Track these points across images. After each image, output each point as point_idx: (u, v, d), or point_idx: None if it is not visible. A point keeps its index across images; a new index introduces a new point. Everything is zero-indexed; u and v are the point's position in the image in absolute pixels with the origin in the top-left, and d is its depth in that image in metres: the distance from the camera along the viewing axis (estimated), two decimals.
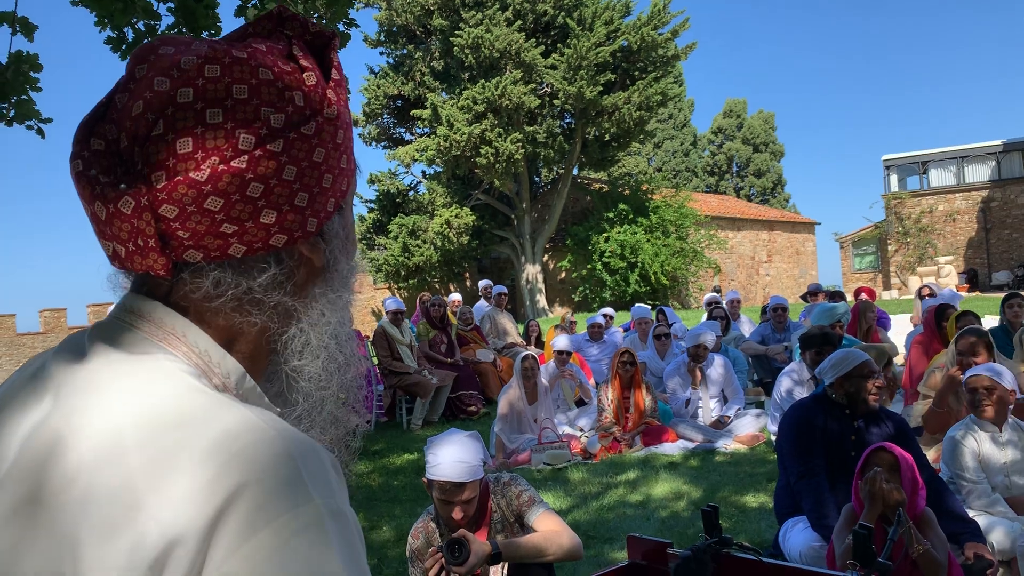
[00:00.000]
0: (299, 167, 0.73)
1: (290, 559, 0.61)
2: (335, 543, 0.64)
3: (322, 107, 0.75)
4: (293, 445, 0.66)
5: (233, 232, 0.71)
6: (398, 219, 27.77)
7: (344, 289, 0.82)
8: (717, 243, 28.83)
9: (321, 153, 0.75)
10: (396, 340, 8.75)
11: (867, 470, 3.12)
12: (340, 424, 0.84)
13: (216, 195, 0.70)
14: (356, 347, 0.85)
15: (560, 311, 26.22)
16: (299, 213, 0.74)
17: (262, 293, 0.75)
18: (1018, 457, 3.86)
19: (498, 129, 24.05)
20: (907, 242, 33.40)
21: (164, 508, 0.61)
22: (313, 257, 0.78)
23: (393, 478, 6.43)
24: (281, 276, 0.76)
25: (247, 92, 0.71)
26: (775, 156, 49.88)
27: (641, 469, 5.92)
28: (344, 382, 0.82)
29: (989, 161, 33.32)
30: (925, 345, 6.27)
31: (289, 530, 0.62)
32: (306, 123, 0.73)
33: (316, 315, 0.79)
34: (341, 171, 0.78)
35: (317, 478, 0.66)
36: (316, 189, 0.75)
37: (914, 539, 2.97)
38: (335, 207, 0.79)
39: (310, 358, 0.79)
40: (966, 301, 18.56)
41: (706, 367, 7.26)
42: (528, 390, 6.97)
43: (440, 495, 2.89)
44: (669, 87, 26.16)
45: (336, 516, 0.65)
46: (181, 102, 0.70)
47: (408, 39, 27.78)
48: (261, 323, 0.76)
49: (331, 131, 0.76)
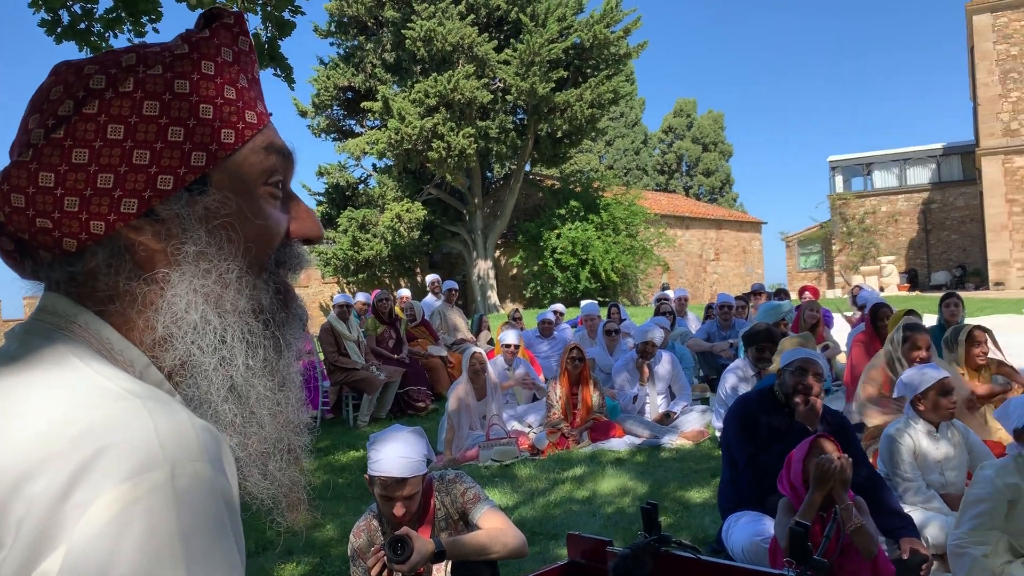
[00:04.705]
0: (91, 149, 0.71)
1: (124, 526, 0.59)
2: (179, 512, 0.61)
3: (115, 82, 0.73)
4: (158, 415, 0.64)
5: (50, 226, 0.72)
6: (348, 212, 27.46)
7: (229, 263, 0.77)
8: (666, 241, 29.15)
9: (119, 129, 0.72)
10: (343, 336, 8.63)
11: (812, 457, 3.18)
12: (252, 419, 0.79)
13: (15, 192, 0.71)
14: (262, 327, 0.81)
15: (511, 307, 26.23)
16: (106, 195, 0.72)
17: (94, 280, 0.75)
18: (953, 454, 3.95)
19: (450, 123, 23.93)
20: (851, 242, 34.21)
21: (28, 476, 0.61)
22: (144, 240, 0.75)
23: (338, 475, 6.34)
24: (114, 262, 0.74)
25: (47, 87, 0.74)
26: (724, 156, 50.62)
27: (588, 465, 5.93)
28: (235, 360, 0.78)
29: (930, 164, 34.28)
30: (866, 344, 6.40)
31: (130, 496, 0.60)
32: (88, 103, 0.72)
33: (179, 297, 0.75)
34: (170, 145, 0.74)
35: (177, 446, 0.63)
36: (124, 168, 0.72)
37: (851, 515, 3.04)
38: (176, 184, 0.75)
39: (182, 338, 0.76)
40: (906, 300, 19.07)
41: (654, 364, 7.31)
42: (477, 386, 6.94)
43: (382, 491, 2.84)
44: (621, 85, 26.31)
45: (191, 485, 0.62)
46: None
47: (359, 30, 27.47)
48: (118, 310, 0.75)
49: (129, 105, 0.73)
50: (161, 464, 0.62)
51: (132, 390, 0.67)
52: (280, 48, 4.61)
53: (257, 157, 0.80)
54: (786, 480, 3.31)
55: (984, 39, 27.96)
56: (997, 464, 3.17)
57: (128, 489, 0.60)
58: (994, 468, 3.13)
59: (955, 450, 3.98)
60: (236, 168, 0.78)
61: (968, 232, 32.73)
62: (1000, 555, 3.09)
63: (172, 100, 0.74)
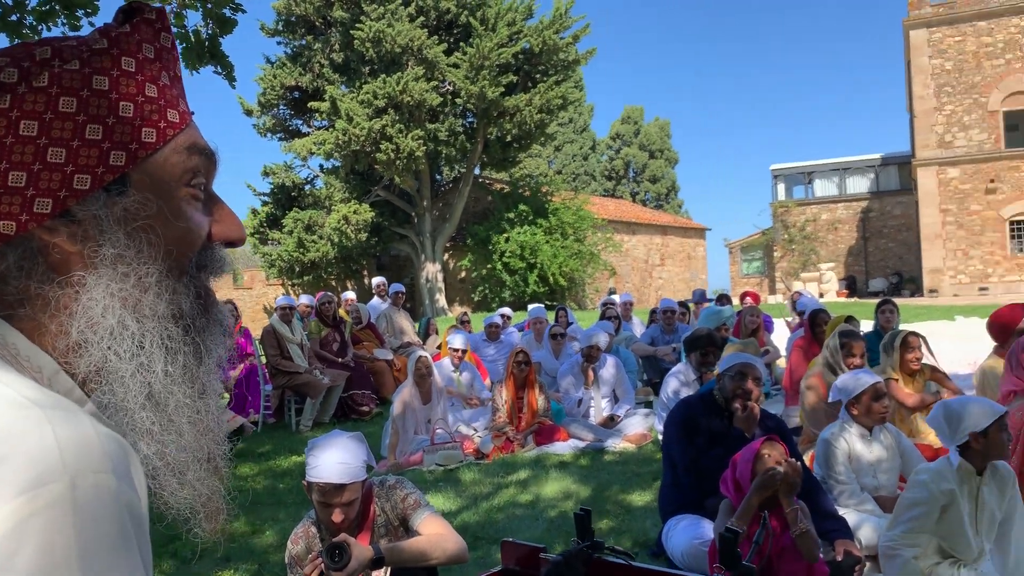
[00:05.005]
0: (2, 146, 0.69)
1: (18, 542, 0.57)
2: (79, 526, 0.59)
3: (29, 76, 0.70)
4: (60, 425, 0.62)
5: None
6: (293, 213, 27.10)
7: (148, 266, 0.75)
8: (613, 246, 29.44)
9: (32, 126, 0.69)
10: (286, 338, 8.50)
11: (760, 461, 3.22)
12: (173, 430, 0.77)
13: None
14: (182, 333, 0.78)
15: (459, 310, 26.19)
16: (18, 194, 0.69)
17: (3, 283, 0.71)
18: (885, 457, 4.06)
19: (399, 125, 23.80)
20: (792, 249, 34.99)
21: None
22: (59, 242, 0.72)
23: (279, 481, 6.24)
24: (25, 264, 0.71)
25: None
26: (670, 163, 51.33)
27: (532, 469, 5.94)
28: (153, 362, 0.75)
29: (869, 174, 35.26)
30: (805, 349, 6.54)
31: (26, 510, 0.57)
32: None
33: (95, 301, 0.73)
34: (87, 144, 0.72)
35: (79, 456, 0.61)
36: (37, 166, 0.70)
37: (797, 519, 3.09)
38: (94, 184, 0.72)
39: (98, 344, 0.73)
40: (845, 306, 19.56)
41: (598, 367, 7.36)
42: (423, 390, 6.89)
43: (320, 497, 2.80)
44: (569, 91, 26.50)
45: (92, 497, 0.60)
46: None
47: (307, 29, 27.16)
48: (28, 314, 0.72)
49: (44, 101, 0.70)
50: (60, 476, 0.59)
51: (34, 398, 0.64)
52: (221, 46, 4.52)
53: (179, 157, 0.78)
54: (731, 481, 3.35)
55: (920, 54, 28.88)
56: (932, 469, 3.25)
57: (24, 503, 0.57)
58: (930, 474, 3.21)
59: (887, 453, 4.09)
60: (157, 168, 0.76)
61: (904, 240, 33.75)
62: (930, 556, 3.18)
63: (90, 97, 0.72)
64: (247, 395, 8.90)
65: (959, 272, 28.45)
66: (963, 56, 28.34)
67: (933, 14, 28.63)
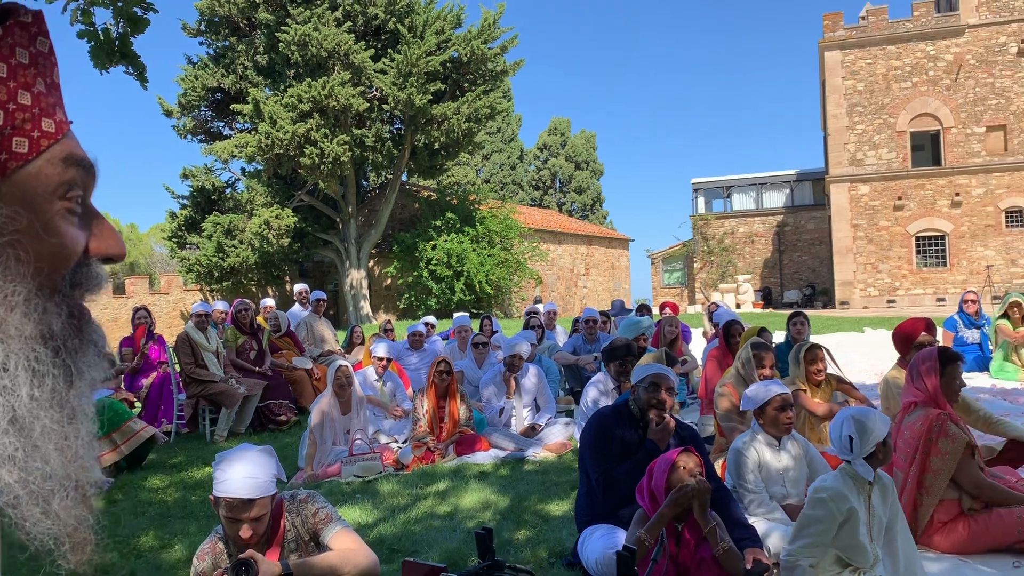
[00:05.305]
0: None
1: None
2: None
3: None
4: None
5: None
6: (213, 217, 26.43)
7: (16, 284, 0.72)
8: (539, 255, 29.64)
9: None
10: (201, 346, 8.27)
11: (678, 470, 3.26)
12: None
13: None
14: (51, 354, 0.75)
15: (384, 318, 25.95)
16: None
17: None
18: (792, 465, 4.19)
19: (324, 130, 23.49)
20: (711, 260, 35.88)
21: None
22: None
23: (191, 493, 6.06)
24: None
25: None
26: (595, 174, 52.07)
27: (452, 479, 5.91)
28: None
29: (784, 189, 36.44)
30: (719, 359, 6.70)
31: None
32: None
33: None
34: None
35: None
36: None
37: (718, 539, 3.14)
38: None
39: None
40: (760, 317, 20.13)
41: (520, 377, 7.38)
42: (342, 400, 6.79)
43: (227, 513, 2.73)
44: (498, 101, 26.62)
45: None
46: None
47: (231, 30, 26.57)
48: None
49: None
50: None
51: None
52: (133, 45, 4.36)
53: (54, 169, 0.75)
54: (646, 491, 3.39)
55: (834, 74, 30.05)
56: (832, 488, 3.33)
57: None
58: (829, 493, 3.30)
59: (795, 462, 4.21)
60: (29, 180, 0.73)
61: (817, 254, 34.99)
62: (828, 568, 3.29)
63: None
64: (159, 404, 8.62)
65: (868, 285, 29.64)
66: (874, 78, 29.61)
67: (846, 36, 29.84)
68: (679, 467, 3.30)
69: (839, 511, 3.23)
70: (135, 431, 6.84)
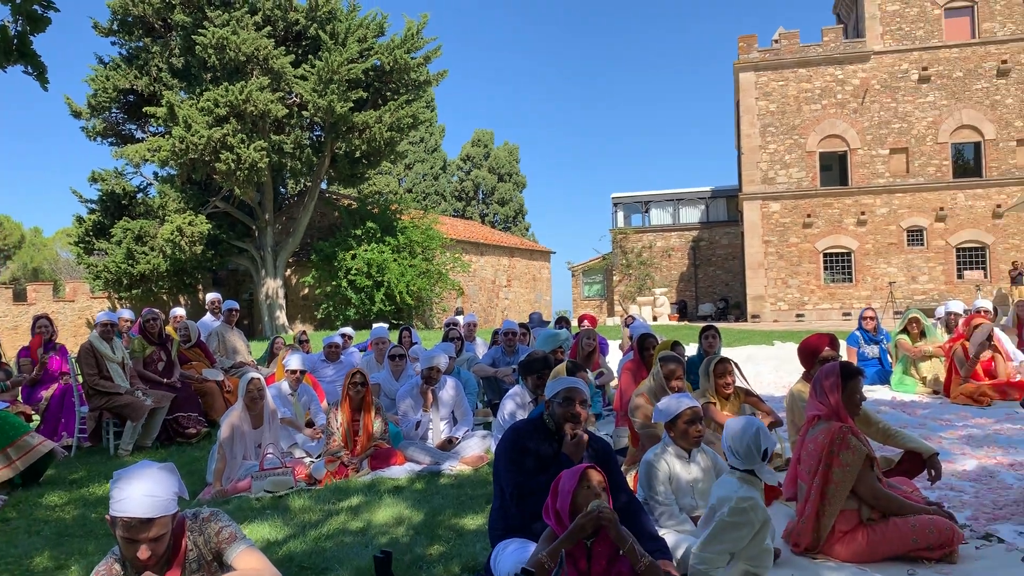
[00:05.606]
0: None
1: None
2: None
3: None
4: None
5: None
6: (123, 223, 25.50)
7: None
8: (461, 266, 29.61)
9: None
10: (106, 356, 7.94)
11: (582, 488, 3.24)
12: None
13: None
14: None
15: (300, 328, 25.44)
16: None
17: None
18: (701, 478, 4.28)
19: (241, 135, 22.97)
20: (629, 273, 36.54)
21: None
22: None
23: (91, 510, 5.80)
24: None
25: None
26: (518, 187, 52.41)
27: (366, 494, 5.82)
28: None
29: (700, 205, 37.44)
30: (634, 372, 6.81)
31: None
32: None
33: None
34: None
35: None
36: None
37: (638, 556, 3.13)
38: None
39: None
40: (676, 330, 20.56)
41: (438, 389, 7.34)
42: (254, 414, 6.62)
43: (124, 533, 2.62)
44: (420, 111, 26.54)
45: None
46: None
47: (145, 31, 25.76)
48: None
49: None
50: None
51: None
52: (32, 44, 4.16)
53: None
54: (552, 510, 3.37)
55: (748, 95, 31.06)
56: (751, 498, 3.40)
57: None
58: (749, 503, 3.37)
59: (704, 474, 4.31)
60: None
61: (731, 268, 36.03)
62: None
63: None
64: (60, 417, 8.25)
65: (779, 299, 30.66)
66: (786, 99, 30.73)
67: (760, 59, 30.91)
68: (585, 483, 3.28)
69: (757, 520, 3.31)
70: (32, 445, 6.52)
